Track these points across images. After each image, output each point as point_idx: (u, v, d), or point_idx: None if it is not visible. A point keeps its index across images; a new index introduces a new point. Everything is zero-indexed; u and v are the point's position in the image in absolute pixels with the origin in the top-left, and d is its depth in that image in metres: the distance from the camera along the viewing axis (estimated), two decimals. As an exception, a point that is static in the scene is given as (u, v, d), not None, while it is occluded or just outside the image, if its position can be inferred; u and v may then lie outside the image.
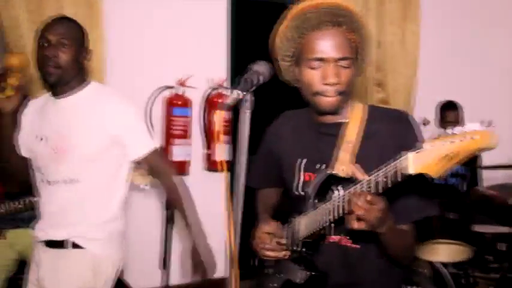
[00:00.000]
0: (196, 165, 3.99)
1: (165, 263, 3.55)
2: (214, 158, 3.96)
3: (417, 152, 1.31)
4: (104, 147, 2.12)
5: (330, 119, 1.74)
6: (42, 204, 2.24)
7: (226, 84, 4.03)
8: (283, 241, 1.78)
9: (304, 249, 1.74)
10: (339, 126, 1.74)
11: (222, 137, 3.90)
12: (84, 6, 3.44)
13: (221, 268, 4.14)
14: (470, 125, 1.24)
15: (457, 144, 1.24)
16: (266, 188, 2.10)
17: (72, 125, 2.12)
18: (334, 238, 1.73)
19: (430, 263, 3.31)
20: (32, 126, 2.23)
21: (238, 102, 1.44)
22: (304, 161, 1.79)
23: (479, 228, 3.77)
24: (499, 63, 5.06)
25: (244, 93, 1.43)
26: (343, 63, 1.63)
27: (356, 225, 1.46)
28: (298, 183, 1.80)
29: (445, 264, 3.29)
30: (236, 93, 1.42)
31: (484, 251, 3.55)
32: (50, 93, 2.22)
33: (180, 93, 3.83)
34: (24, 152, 2.27)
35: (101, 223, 2.17)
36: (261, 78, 1.48)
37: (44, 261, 2.18)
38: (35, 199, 2.92)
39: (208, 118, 3.96)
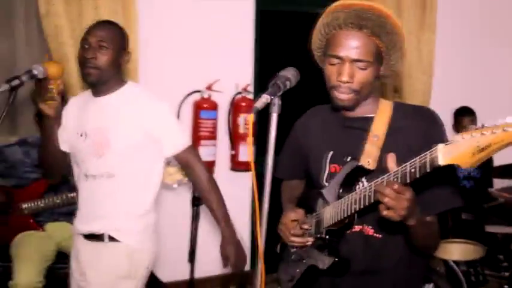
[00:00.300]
0: (222, 165, 4.19)
1: (192, 257, 3.74)
2: (239, 158, 4.15)
3: (447, 144, 1.32)
4: (140, 143, 2.26)
5: (356, 112, 1.82)
6: (80, 197, 2.38)
7: (251, 89, 4.21)
8: (307, 226, 1.88)
9: (328, 237, 1.83)
10: (365, 120, 1.81)
11: (248, 139, 4.11)
12: (120, 16, 3.65)
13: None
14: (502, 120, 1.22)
15: (489, 136, 1.22)
16: (292, 179, 2.19)
17: (110, 122, 2.27)
18: (358, 227, 1.79)
19: (444, 261, 3.41)
20: (72, 123, 2.39)
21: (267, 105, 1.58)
22: (331, 153, 1.88)
23: (491, 228, 3.86)
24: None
25: (272, 97, 1.57)
26: (360, 64, 1.70)
27: (385, 212, 1.49)
28: (324, 174, 1.89)
29: (457, 263, 3.38)
30: (265, 98, 1.55)
31: (496, 251, 3.63)
32: (90, 92, 2.38)
33: (206, 96, 4.02)
34: (64, 147, 2.43)
35: (136, 217, 2.31)
36: (288, 84, 1.63)
37: (84, 253, 2.34)
38: (73, 194, 3.15)
39: (233, 120, 4.15)
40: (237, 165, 4.19)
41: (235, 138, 4.16)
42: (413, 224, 1.55)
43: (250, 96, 4.20)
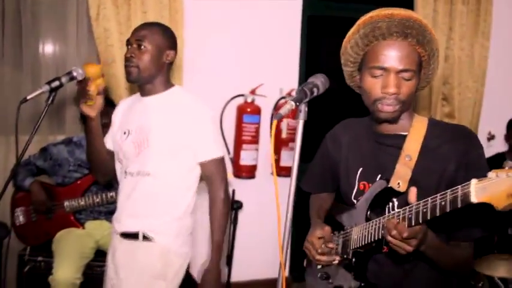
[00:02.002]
0: (264, 170, 4.18)
1: (229, 260, 3.75)
2: (281, 163, 4.13)
3: (481, 180, 1.27)
4: (178, 146, 2.29)
5: (389, 129, 1.75)
6: (119, 194, 2.42)
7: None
8: (332, 245, 1.81)
9: (354, 259, 1.77)
10: (398, 138, 1.74)
11: (290, 144, 4.09)
12: (167, 20, 3.70)
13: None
14: None
15: None
16: (320, 192, 2.13)
17: (151, 122, 2.30)
18: (386, 248, 1.70)
19: (489, 278, 3.27)
20: (120, 122, 2.45)
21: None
22: (361, 169, 1.82)
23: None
24: None
25: (298, 103, 1.53)
26: (405, 75, 1.63)
27: (385, 249, 1.50)
28: (353, 191, 1.84)
29: (504, 280, 3.25)
30: (290, 104, 1.51)
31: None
32: (139, 93, 2.42)
33: (249, 101, 4.03)
34: (110, 146, 2.48)
35: (171, 218, 2.33)
36: (316, 91, 1.58)
37: (119, 251, 2.37)
38: (112, 194, 3.22)
39: (276, 125, 4.12)
40: (279, 170, 4.15)
41: (277, 143, 4.14)
42: (422, 250, 1.53)
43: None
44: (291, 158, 4.07)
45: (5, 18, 3.64)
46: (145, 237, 2.31)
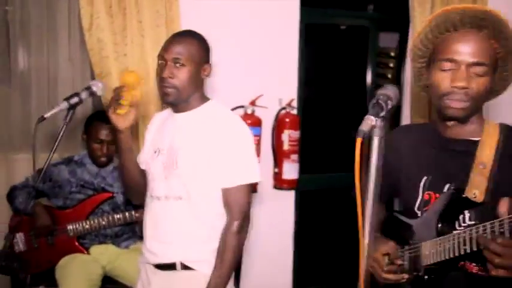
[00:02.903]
0: (265, 183, 4.04)
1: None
2: (283, 176, 4.00)
3: None
4: (209, 167, 2.09)
5: (459, 134, 1.65)
6: (146, 220, 2.23)
7: (295, 104, 4.08)
8: (401, 262, 1.71)
9: (427, 277, 1.66)
10: (469, 143, 1.64)
11: (292, 156, 3.97)
12: (164, 29, 3.54)
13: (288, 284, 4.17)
14: None
15: None
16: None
17: (181, 141, 2.12)
18: (461, 263, 1.62)
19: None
20: (152, 140, 2.27)
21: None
22: (425, 178, 1.71)
23: None
24: None
25: (376, 119, 1.42)
26: (477, 69, 1.55)
27: (494, 272, 1.35)
28: (417, 201, 1.73)
29: None
30: (370, 119, 1.40)
31: None
32: (171, 108, 2.23)
33: (250, 112, 3.89)
34: (142, 165, 2.29)
35: (210, 244, 2.14)
36: (390, 103, 1.46)
37: (155, 284, 2.18)
38: (119, 216, 3.03)
39: (277, 137, 4.00)
40: (281, 183, 4.02)
41: (279, 156, 4.01)
42: None
43: (295, 111, 4.06)
44: (294, 170, 3.99)
45: (-8, 32, 3.42)
46: (184, 266, 2.12)
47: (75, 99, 2.08)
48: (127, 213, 3.05)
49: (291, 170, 3.97)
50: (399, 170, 1.83)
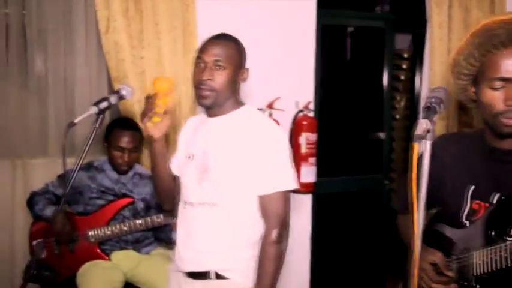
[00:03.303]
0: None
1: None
2: (301, 180, 3.95)
3: None
4: (244, 173, 2.03)
5: (507, 144, 1.63)
6: (179, 227, 2.18)
7: (312, 106, 4.03)
8: (452, 274, 1.69)
9: (479, 286, 1.64)
10: None
11: (309, 159, 3.92)
12: (180, 31, 3.50)
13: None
14: None
15: None
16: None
17: (214, 146, 2.07)
18: None
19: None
20: (185, 144, 2.22)
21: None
22: (473, 188, 1.69)
23: None
24: None
25: (430, 122, 1.38)
26: None
27: None
28: (465, 211, 1.71)
29: None
30: (425, 123, 1.37)
31: None
32: (205, 112, 2.19)
33: (266, 115, 3.84)
34: (175, 171, 2.24)
35: (244, 252, 2.08)
36: (442, 106, 1.44)
37: None
38: (140, 221, 2.98)
39: (294, 140, 3.96)
40: (299, 187, 3.98)
41: (296, 159, 3.95)
42: None
43: (312, 114, 4.01)
44: (311, 173, 3.93)
45: (9, 34, 3.35)
46: (218, 276, 2.06)
47: (104, 104, 2.03)
48: (149, 219, 3.01)
49: (308, 174, 3.93)
50: (442, 179, 1.79)
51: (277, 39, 3.92)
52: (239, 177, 2.04)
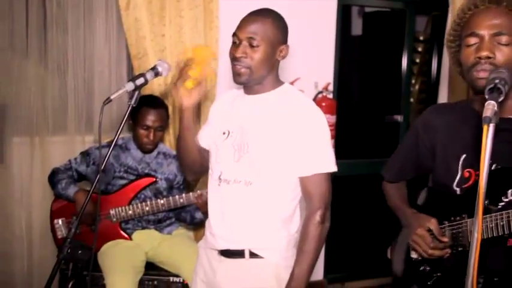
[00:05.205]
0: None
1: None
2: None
3: None
4: (282, 154, 1.99)
5: (500, 112, 1.65)
6: (211, 203, 2.13)
7: (331, 87, 3.99)
8: (447, 239, 1.74)
9: None
10: (511, 121, 1.66)
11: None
12: (201, 9, 3.44)
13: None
14: None
15: None
16: (398, 181, 2.10)
17: (255, 125, 2.02)
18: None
19: None
20: (218, 119, 2.17)
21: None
22: (464, 156, 1.73)
23: None
24: None
25: (495, 103, 1.34)
26: (501, 39, 1.59)
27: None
28: (456, 178, 1.75)
29: None
30: (492, 104, 1.33)
31: None
32: (243, 89, 2.13)
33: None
34: (205, 144, 2.19)
35: (280, 232, 2.05)
36: (507, 87, 1.39)
37: (221, 270, 2.09)
38: (162, 201, 2.94)
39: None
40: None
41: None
42: None
43: (331, 95, 3.97)
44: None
45: (29, 10, 3.29)
46: (252, 254, 2.03)
47: (141, 80, 1.96)
48: (171, 199, 2.96)
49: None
50: (433, 149, 1.85)
51: (298, 19, 3.82)
52: (278, 157, 2.00)
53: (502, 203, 1.63)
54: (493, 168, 1.65)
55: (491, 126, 1.38)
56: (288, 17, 3.74)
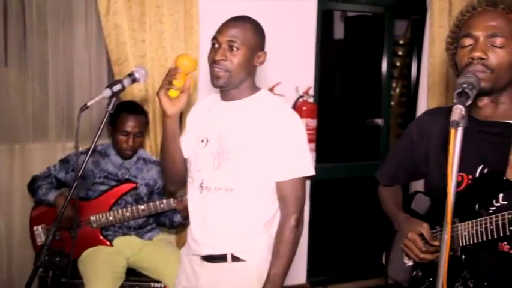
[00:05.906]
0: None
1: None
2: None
3: None
4: (262, 159, 2.00)
5: (492, 115, 1.67)
6: (192, 211, 2.15)
7: (312, 92, 4.01)
8: (437, 243, 1.74)
9: (464, 256, 1.69)
10: (503, 126, 1.66)
11: (309, 145, 3.90)
12: (182, 14, 3.45)
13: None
14: None
15: None
16: (392, 185, 2.10)
17: (232, 130, 2.04)
18: (503, 246, 1.63)
19: None
20: (196, 127, 2.18)
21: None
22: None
23: None
24: None
25: (463, 107, 1.36)
26: (495, 41, 1.59)
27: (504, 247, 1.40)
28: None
29: None
30: (459, 109, 1.36)
31: None
32: (219, 95, 2.15)
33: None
34: (186, 154, 2.20)
35: (260, 235, 2.07)
36: (474, 92, 1.43)
37: (204, 275, 2.10)
38: (143, 207, 2.95)
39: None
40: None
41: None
42: None
43: (311, 100, 3.99)
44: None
45: (8, 18, 3.28)
46: (234, 258, 2.05)
47: (118, 87, 1.96)
48: (152, 204, 2.96)
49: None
50: (426, 153, 1.86)
51: (278, 24, 3.87)
52: (257, 163, 2.02)
53: (493, 208, 1.63)
54: (485, 172, 1.66)
55: (460, 129, 1.41)
56: (269, 22, 3.75)
